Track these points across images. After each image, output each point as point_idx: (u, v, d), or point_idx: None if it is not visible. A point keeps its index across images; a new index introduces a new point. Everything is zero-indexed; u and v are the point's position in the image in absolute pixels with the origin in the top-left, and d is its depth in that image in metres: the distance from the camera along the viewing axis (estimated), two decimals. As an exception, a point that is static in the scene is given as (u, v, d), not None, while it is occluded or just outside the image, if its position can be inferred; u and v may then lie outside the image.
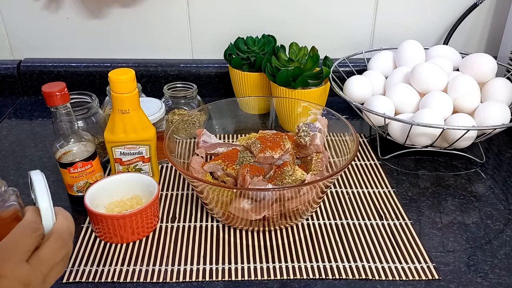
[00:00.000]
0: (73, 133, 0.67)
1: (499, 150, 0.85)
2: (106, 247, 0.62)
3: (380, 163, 0.80)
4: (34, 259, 0.41)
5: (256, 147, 0.68)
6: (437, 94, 0.79)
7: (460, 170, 0.79)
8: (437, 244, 0.63)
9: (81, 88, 1.03)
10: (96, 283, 0.57)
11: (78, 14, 1.00)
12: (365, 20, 1.01)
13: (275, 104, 0.85)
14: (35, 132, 0.91)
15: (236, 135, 0.86)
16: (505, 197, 0.72)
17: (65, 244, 0.44)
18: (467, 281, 0.57)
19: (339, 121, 0.72)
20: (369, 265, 0.59)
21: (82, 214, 0.68)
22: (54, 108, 0.64)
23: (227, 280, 0.58)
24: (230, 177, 0.67)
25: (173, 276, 0.58)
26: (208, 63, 1.03)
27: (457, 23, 0.99)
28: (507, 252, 0.62)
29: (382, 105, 0.80)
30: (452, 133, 0.76)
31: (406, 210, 0.69)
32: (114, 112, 0.66)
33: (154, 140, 0.70)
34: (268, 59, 0.87)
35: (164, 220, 0.68)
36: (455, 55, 0.90)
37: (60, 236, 0.44)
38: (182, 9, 0.99)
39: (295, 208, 0.61)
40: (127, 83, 0.64)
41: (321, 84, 0.86)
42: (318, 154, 0.70)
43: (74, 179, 0.68)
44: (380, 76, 0.90)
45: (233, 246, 0.63)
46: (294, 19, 1.00)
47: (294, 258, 0.61)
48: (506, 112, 0.77)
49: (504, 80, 0.82)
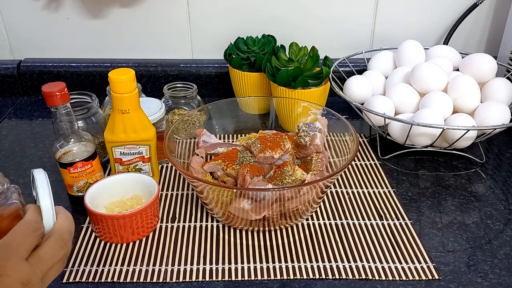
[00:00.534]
0: (73, 133, 0.67)
1: (499, 150, 0.85)
2: (106, 247, 0.62)
3: (380, 163, 0.80)
4: (34, 258, 0.41)
5: (256, 147, 0.68)
6: (437, 94, 0.79)
7: (460, 170, 0.79)
8: (437, 244, 0.63)
9: (81, 88, 1.03)
10: (96, 283, 0.57)
11: (78, 14, 1.00)
12: (365, 20, 1.01)
13: (275, 104, 0.85)
14: (35, 132, 0.91)
15: (236, 135, 0.86)
16: (505, 197, 0.72)
17: (65, 244, 0.44)
18: (467, 281, 0.57)
19: (339, 121, 0.72)
20: (369, 265, 0.59)
21: (82, 214, 0.68)
22: (54, 108, 0.64)
23: (227, 280, 0.58)
24: (230, 177, 0.67)
25: (173, 276, 0.58)
26: (208, 63, 1.03)
27: (457, 23, 0.99)
28: (507, 252, 0.62)
29: (382, 105, 0.80)
30: (452, 133, 0.76)
31: (406, 210, 0.69)
32: (114, 112, 0.66)
33: (154, 140, 0.70)
34: (268, 59, 0.87)
35: (164, 220, 0.68)
36: (455, 55, 0.90)
37: (60, 236, 0.44)
38: (182, 9, 0.99)
39: (295, 208, 0.61)
40: (127, 83, 0.64)
41: (321, 84, 0.86)
42: (318, 154, 0.70)
43: (74, 179, 0.68)
44: (380, 76, 0.90)
45: (233, 246, 0.63)
46: (294, 19, 1.00)
47: (294, 258, 0.61)
48: (506, 112, 0.77)
49: (504, 80, 0.82)
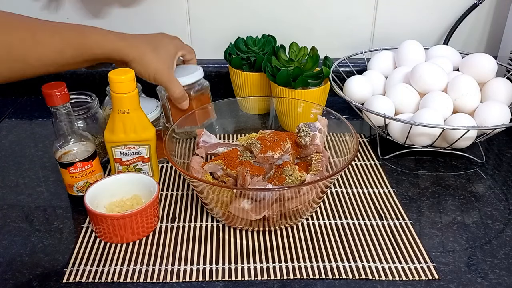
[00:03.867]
0: (73, 133, 0.67)
1: (499, 150, 0.85)
2: (106, 247, 0.62)
3: (380, 163, 0.80)
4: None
5: (256, 147, 0.68)
6: (437, 94, 0.79)
7: (460, 170, 0.79)
8: (437, 244, 0.63)
9: (81, 88, 1.02)
10: (96, 283, 0.57)
11: (78, 14, 1.00)
12: (365, 20, 1.01)
13: (275, 104, 0.85)
14: (35, 132, 0.91)
15: (236, 135, 0.86)
16: (505, 197, 0.72)
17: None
18: (467, 281, 0.57)
19: (339, 121, 0.72)
20: (369, 265, 0.59)
21: (82, 214, 0.68)
22: (54, 108, 0.64)
23: (227, 280, 0.58)
24: (230, 177, 0.67)
25: (173, 276, 0.58)
26: (208, 63, 1.02)
27: (457, 23, 0.99)
28: (507, 252, 0.62)
29: (382, 105, 0.80)
30: (452, 133, 0.76)
31: (406, 210, 0.69)
32: (114, 112, 0.66)
33: (154, 140, 0.70)
34: (268, 59, 0.87)
35: (164, 220, 0.68)
36: (455, 55, 0.90)
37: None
38: (182, 9, 0.99)
39: (295, 208, 0.61)
40: (127, 83, 0.64)
41: (321, 84, 0.86)
42: (318, 154, 0.70)
43: (74, 179, 0.68)
44: (380, 76, 0.90)
45: (233, 246, 0.63)
46: (294, 19, 1.00)
47: (294, 258, 0.61)
48: (506, 112, 0.77)
49: (504, 80, 0.82)
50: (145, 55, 0.68)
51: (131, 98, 0.65)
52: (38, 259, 0.61)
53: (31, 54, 0.60)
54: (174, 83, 0.72)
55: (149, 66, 0.68)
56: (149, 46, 0.69)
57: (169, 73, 0.71)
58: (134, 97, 0.66)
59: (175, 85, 0.72)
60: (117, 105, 0.65)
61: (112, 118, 0.67)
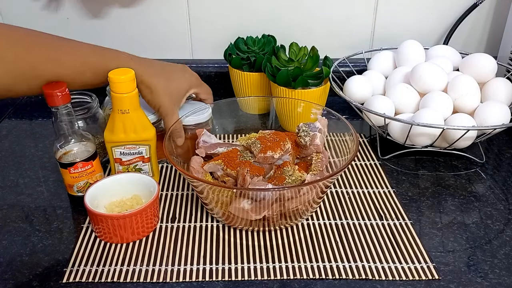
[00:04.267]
0: (74, 133, 0.67)
1: (499, 150, 0.85)
2: (106, 247, 0.62)
3: (380, 163, 0.81)
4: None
5: (256, 147, 0.68)
6: (437, 94, 0.79)
7: (460, 170, 0.79)
8: (437, 244, 0.63)
9: (81, 88, 1.03)
10: (96, 283, 0.57)
11: (78, 14, 1.00)
12: (365, 20, 1.01)
13: (275, 104, 0.85)
14: (35, 132, 0.91)
15: (236, 135, 0.86)
16: (505, 197, 0.72)
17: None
18: (467, 281, 0.57)
19: (339, 121, 0.72)
20: (369, 265, 0.59)
21: (82, 214, 0.68)
22: (55, 108, 0.64)
23: (227, 280, 0.58)
24: (230, 177, 0.67)
25: (173, 276, 0.58)
26: (208, 63, 1.03)
27: (457, 23, 0.99)
28: (507, 252, 0.62)
29: (382, 105, 0.80)
30: (452, 133, 0.76)
31: (406, 210, 0.69)
32: (114, 112, 0.66)
33: (154, 140, 0.70)
34: (268, 59, 0.87)
35: (164, 220, 0.68)
36: (455, 55, 0.90)
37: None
38: (182, 9, 0.99)
39: (295, 208, 0.61)
40: (127, 83, 0.64)
41: (321, 84, 0.86)
42: (318, 154, 0.70)
43: (75, 179, 0.68)
44: (380, 76, 0.90)
45: (233, 246, 0.63)
46: (294, 19, 1.00)
47: (294, 258, 0.61)
48: (506, 112, 0.77)
49: (504, 80, 0.82)
50: (156, 87, 0.69)
51: (131, 98, 0.65)
52: (38, 259, 0.61)
53: (53, 73, 0.62)
54: (170, 117, 0.71)
55: (157, 97, 0.69)
56: (162, 76, 0.70)
57: (172, 109, 0.71)
58: (134, 97, 0.66)
59: (171, 119, 0.71)
60: (117, 105, 0.65)
61: (112, 118, 0.67)
